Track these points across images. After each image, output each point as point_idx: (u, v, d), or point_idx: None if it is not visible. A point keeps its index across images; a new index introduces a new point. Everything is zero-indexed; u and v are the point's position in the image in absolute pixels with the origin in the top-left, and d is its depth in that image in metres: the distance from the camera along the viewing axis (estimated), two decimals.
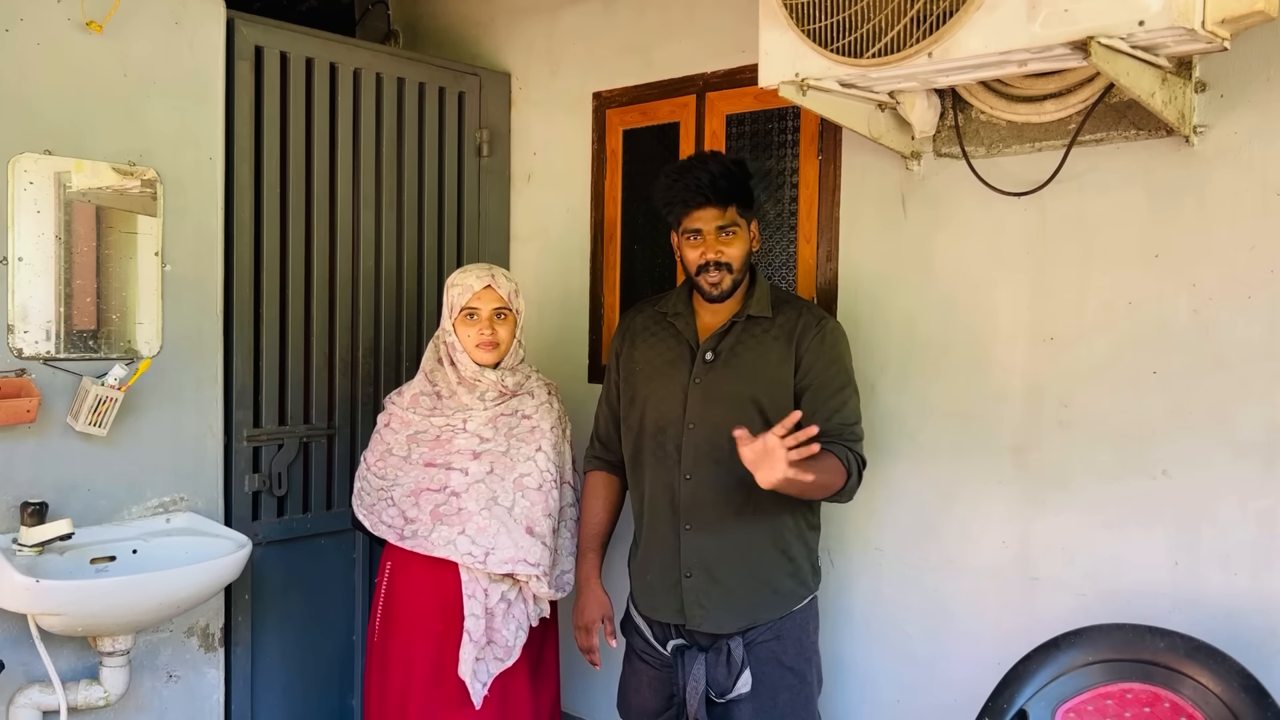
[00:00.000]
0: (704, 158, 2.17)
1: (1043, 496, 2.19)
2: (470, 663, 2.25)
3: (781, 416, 1.96)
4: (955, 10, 1.72)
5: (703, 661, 2.12)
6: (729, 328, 2.14)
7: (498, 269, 2.38)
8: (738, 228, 2.10)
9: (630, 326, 2.33)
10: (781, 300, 2.19)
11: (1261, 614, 1.93)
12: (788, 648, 2.13)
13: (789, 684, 2.12)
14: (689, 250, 2.13)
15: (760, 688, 2.10)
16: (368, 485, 2.40)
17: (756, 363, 2.11)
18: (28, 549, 2.13)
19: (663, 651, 2.21)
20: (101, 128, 2.31)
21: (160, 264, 2.42)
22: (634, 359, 2.27)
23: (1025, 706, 1.93)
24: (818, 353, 2.10)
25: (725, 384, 2.12)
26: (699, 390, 2.13)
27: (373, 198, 2.89)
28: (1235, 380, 1.95)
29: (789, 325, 2.12)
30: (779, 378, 2.10)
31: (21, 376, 2.20)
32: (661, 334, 2.24)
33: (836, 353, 2.12)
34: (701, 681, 2.11)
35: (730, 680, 2.10)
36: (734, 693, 2.10)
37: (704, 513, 2.12)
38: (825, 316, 2.16)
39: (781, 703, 2.11)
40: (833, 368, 2.10)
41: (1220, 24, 1.62)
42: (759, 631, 2.12)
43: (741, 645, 2.10)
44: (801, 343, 2.10)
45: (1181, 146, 1.99)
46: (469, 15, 3.34)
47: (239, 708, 2.68)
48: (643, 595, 2.23)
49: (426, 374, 2.42)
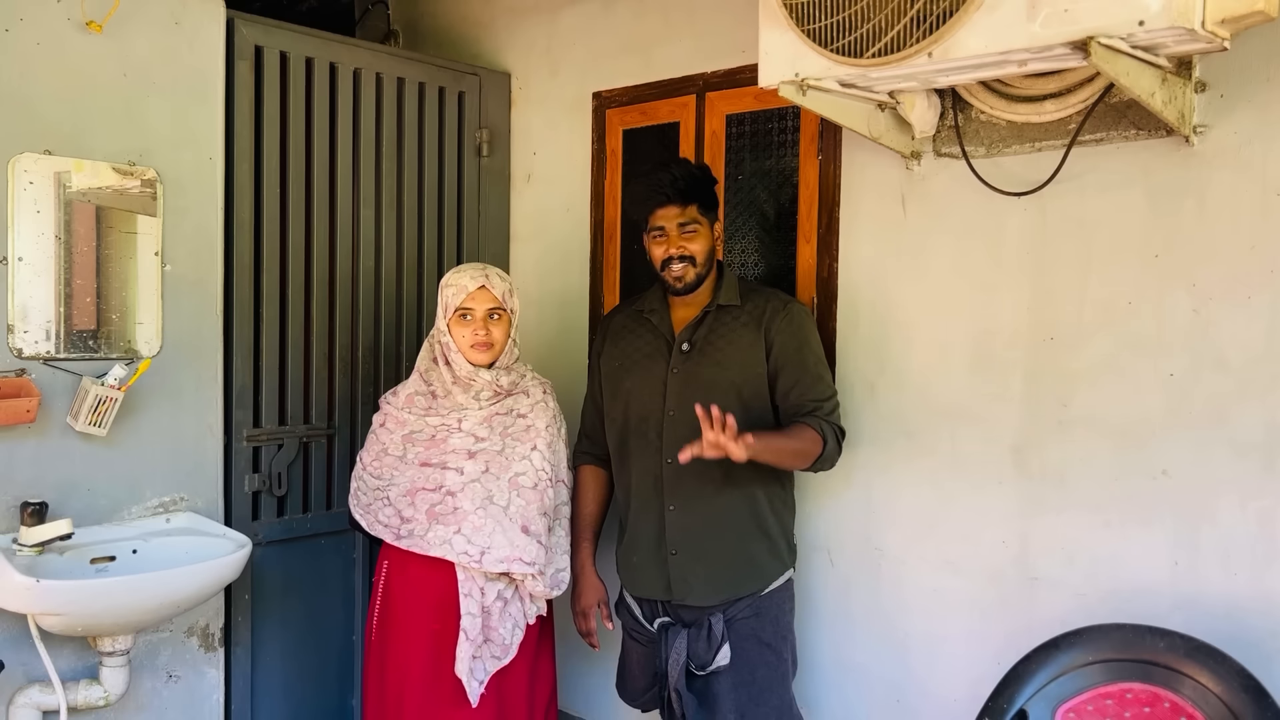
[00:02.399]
0: (666, 162, 2.34)
1: (1043, 496, 2.19)
2: (467, 661, 2.25)
3: (756, 396, 2.23)
4: (955, 10, 1.71)
5: (684, 635, 2.23)
6: (701, 318, 2.28)
7: (492, 269, 2.39)
8: (699, 225, 2.26)
9: (609, 326, 2.47)
10: (749, 290, 2.34)
11: (1261, 614, 1.93)
12: (765, 625, 2.25)
13: (766, 660, 2.24)
14: (655, 247, 2.29)
15: (739, 662, 2.22)
16: (364, 485, 2.40)
17: (729, 349, 2.24)
18: (28, 549, 2.13)
19: (650, 629, 2.31)
20: (101, 128, 2.31)
21: (160, 264, 2.42)
22: (614, 356, 2.40)
23: (1025, 706, 1.93)
24: (787, 334, 2.24)
25: (702, 371, 2.25)
26: (677, 379, 2.26)
27: (373, 198, 2.89)
28: (1235, 380, 1.95)
29: (757, 311, 2.27)
30: (751, 361, 2.24)
31: (21, 376, 2.20)
32: (639, 330, 2.37)
33: (804, 333, 2.26)
34: (683, 653, 2.22)
35: (710, 654, 2.21)
36: (713, 665, 2.21)
37: (686, 493, 2.25)
38: (790, 300, 2.31)
39: (759, 678, 2.23)
40: (803, 348, 2.25)
41: (1220, 24, 1.62)
42: (739, 608, 2.23)
43: (722, 620, 2.22)
44: (770, 327, 2.24)
45: (1181, 146, 1.99)
46: (469, 15, 3.34)
47: (239, 708, 2.68)
48: (630, 576, 2.35)
49: (421, 374, 2.42)
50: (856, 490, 2.46)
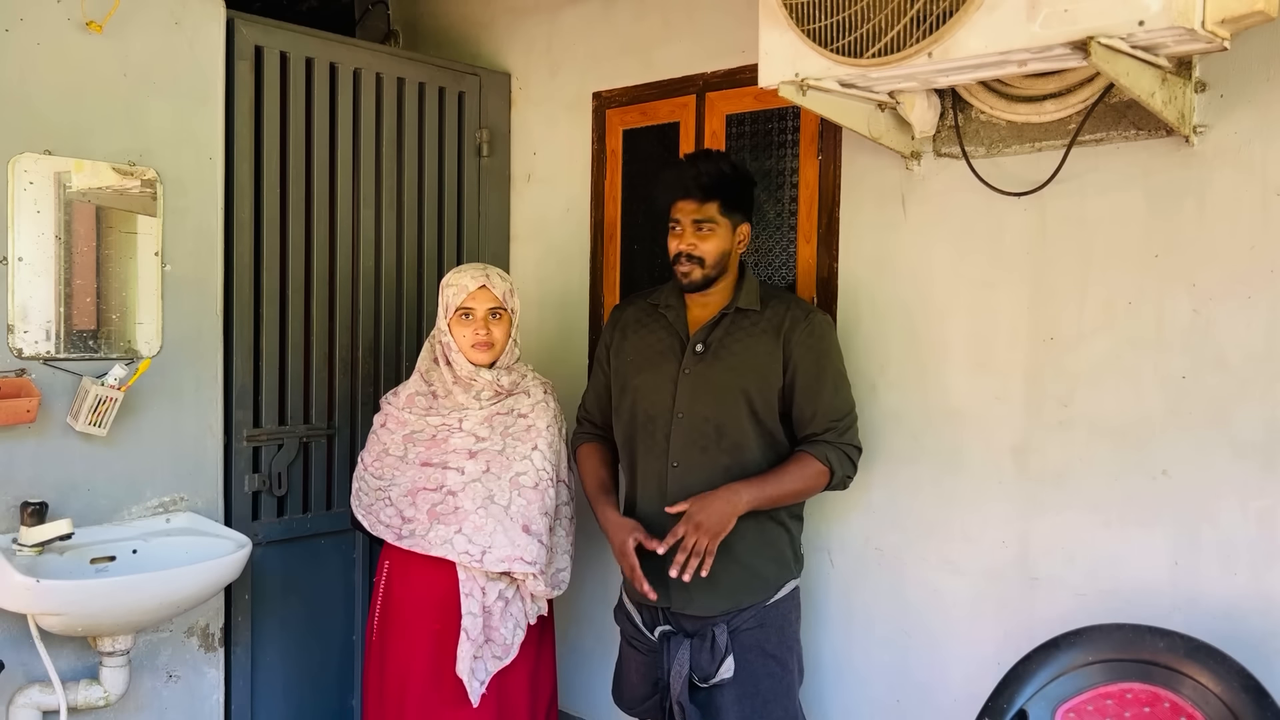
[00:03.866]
0: (697, 155, 2.25)
1: (1043, 496, 2.19)
2: (468, 661, 2.25)
3: (766, 408, 2.16)
4: (955, 10, 1.71)
5: (687, 646, 2.16)
6: (719, 320, 2.21)
7: (492, 268, 2.39)
8: (714, 225, 2.16)
9: (622, 318, 2.38)
10: (770, 295, 2.25)
11: (1261, 614, 1.93)
12: (770, 636, 2.18)
13: (771, 671, 2.17)
14: (670, 240, 2.21)
15: (743, 674, 2.15)
16: (365, 485, 2.41)
17: (745, 354, 2.17)
18: (28, 549, 2.13)
19: (650, 637, 2.25)
20: (101, 128, 2.32)
21: (160, 264, 2.42)
22: (625, 350, 2.32)
23: (1025, 706, 1.93)
24: (805, 346, 2.16)
25: (714, 375, 2.17)
26: (688, 381, 2.19)
27: (373, 198, 2.89)
28: (1235, 380, 1.95)
29: (777, 319, 2.18)
30: (766, 370, 2.16)
31: (21, 376, 2.20)
32: (653, 325, 2.30)
33: (824, 346, 2.18)
34: (685, 665, 2.15)
35: (714, 665, 2.14)
36: (717, 678, 2.14)
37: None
38: (813, 310, 2.22)
39: (764, 689, 2.16)
40: (821, 361, 2.17)
41: (1220, 24, 1.62)
42: (743, 619, 2.16)
43: (726, 632, 2.15)
44: (790, 337, 2.16)
45: (1181, 146, 1.99)
46: (469, 15, 3.34)
47: (239, 708, 2.68)
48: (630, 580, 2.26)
49: (422, 374, 2.43)
50: (857, 491, 2.45)
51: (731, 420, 2.15)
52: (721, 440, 2.15)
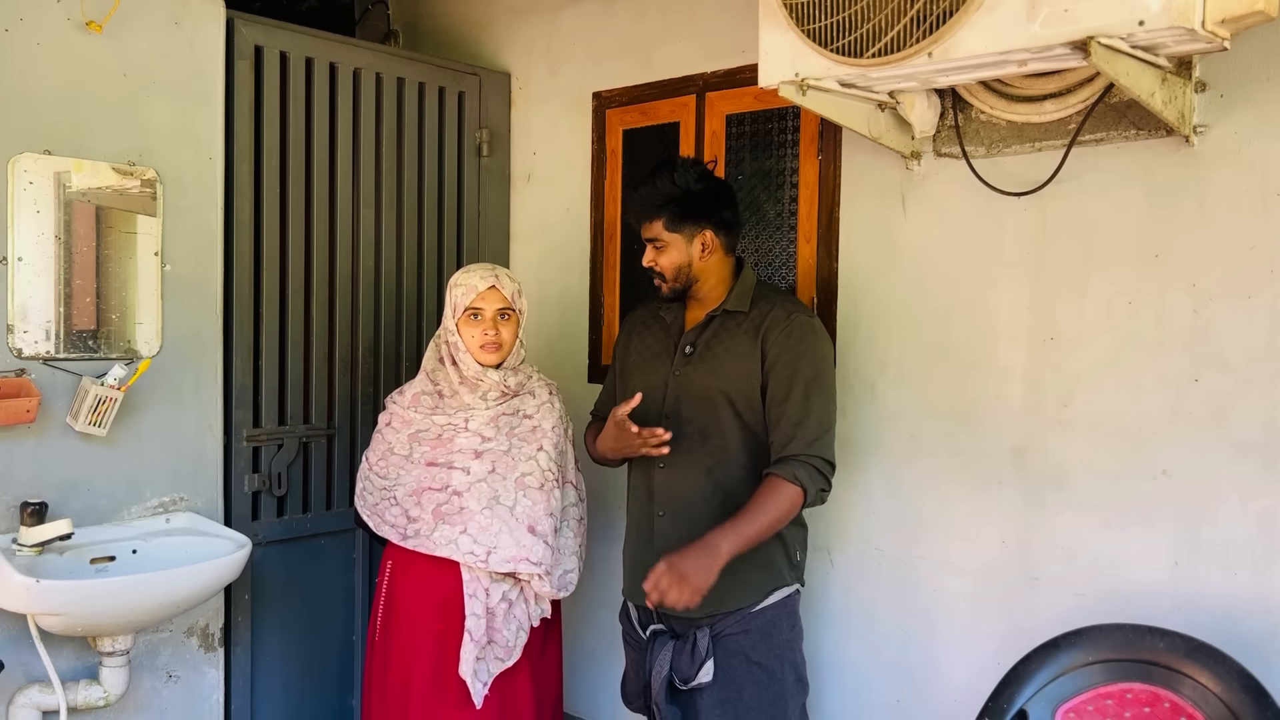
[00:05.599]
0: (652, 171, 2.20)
1: (1042, 496, 2.19)
2: (471, 662, 2.25)
3: (751, 409, 2.12)
4: (955, 10, 1.71)
5: (670, 647, 2.16)
6: (707, 322, 2.20)
7: (501, 269, 2.38)
8: (661, 242, 2.18)
9: (630, 321, 2.42)
10: (763, 295, 2.20)
11: (1261, 614, 1.93)
12: (755, 643, 2.14)
13: (756, 679, 2.14)
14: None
15: (725, 679, 2.13)
16: (370, 485, 2.40)
17: (726, 357, 2.15)
18: (27, 549, 2.13)
19: (642, 635, 2.26)
20: (101, 128, 2.31)
21: (160, 264, 2.42)
22: (629, 352, 2.35)
23: (1025, 706, 1.93)
24: (782, 347, 2.09)
25: (699, 377, 2.17)
26: (677, 383, 2.20)
27: (373, 198, 2.89)
28: (1235, 380, 1.95)
29: (759, 318, 2.14)
30: (745, 372, 2.12)
31: (21, 376, 2.20)
32: (654, 327, 2.32)
33: (801, 348, 2.09)
34: (666, 666, 2.15)
35: (694, 668, 2.13)
36: (696, 680, 2.13)
37: (675, 501, 2.18)
38: (797, 310, 2.14)
39: (746, 697, 2.13)
40: (795, 364, 2.08)
41: (1220, 24, 1.62)
42: (727, 623, 2.14)
43: (708, 635, 2.13)
44: (768, 336, 2.11)
45: (1181, 146, 1.99)
46: (469, 15, 3.34)
47: (239, 708, 2.68)
48: (626, 579, 2.31)
49: (428, 373, 2.42)
50: (857, 490, 2.46)
51: (714, 423, 2.14)
52: (706, 443, 2.14)
